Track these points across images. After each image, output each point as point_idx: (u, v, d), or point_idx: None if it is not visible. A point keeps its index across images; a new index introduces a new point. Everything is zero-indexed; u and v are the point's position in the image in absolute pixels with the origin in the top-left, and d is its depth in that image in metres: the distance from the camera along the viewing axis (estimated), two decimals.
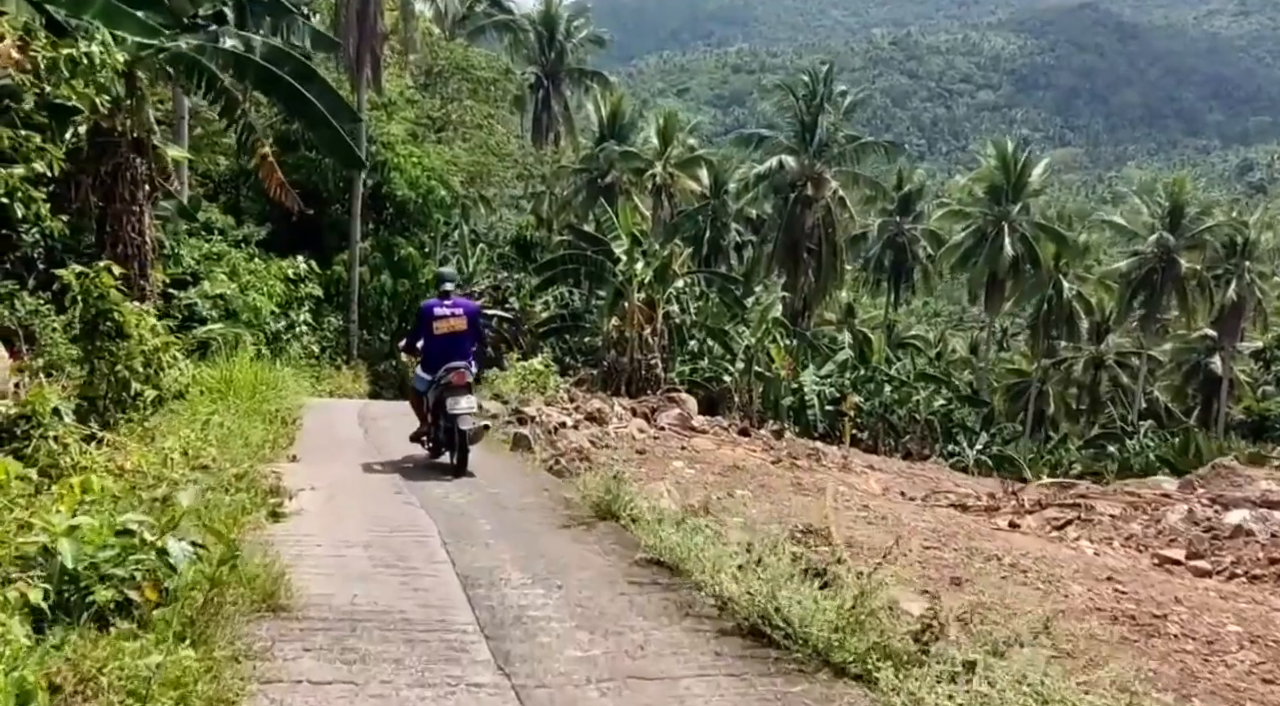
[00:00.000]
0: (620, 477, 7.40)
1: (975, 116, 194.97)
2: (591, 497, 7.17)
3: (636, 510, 6.63)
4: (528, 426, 15.47)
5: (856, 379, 37.76)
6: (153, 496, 5.27)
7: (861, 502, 16.59)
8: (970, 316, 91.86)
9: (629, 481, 7.55)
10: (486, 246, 41.54)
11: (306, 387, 18.04)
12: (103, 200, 13.73)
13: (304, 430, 11.31)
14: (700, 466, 18.63)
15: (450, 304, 10.02)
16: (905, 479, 25.90)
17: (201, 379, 11.05)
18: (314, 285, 21.46)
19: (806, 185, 43.50)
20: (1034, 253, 46.64)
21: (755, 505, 14.58)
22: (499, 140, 36.71)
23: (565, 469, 9.03)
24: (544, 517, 7.13)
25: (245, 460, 7.86)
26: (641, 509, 6.66)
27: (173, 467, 6.63)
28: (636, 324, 29.57)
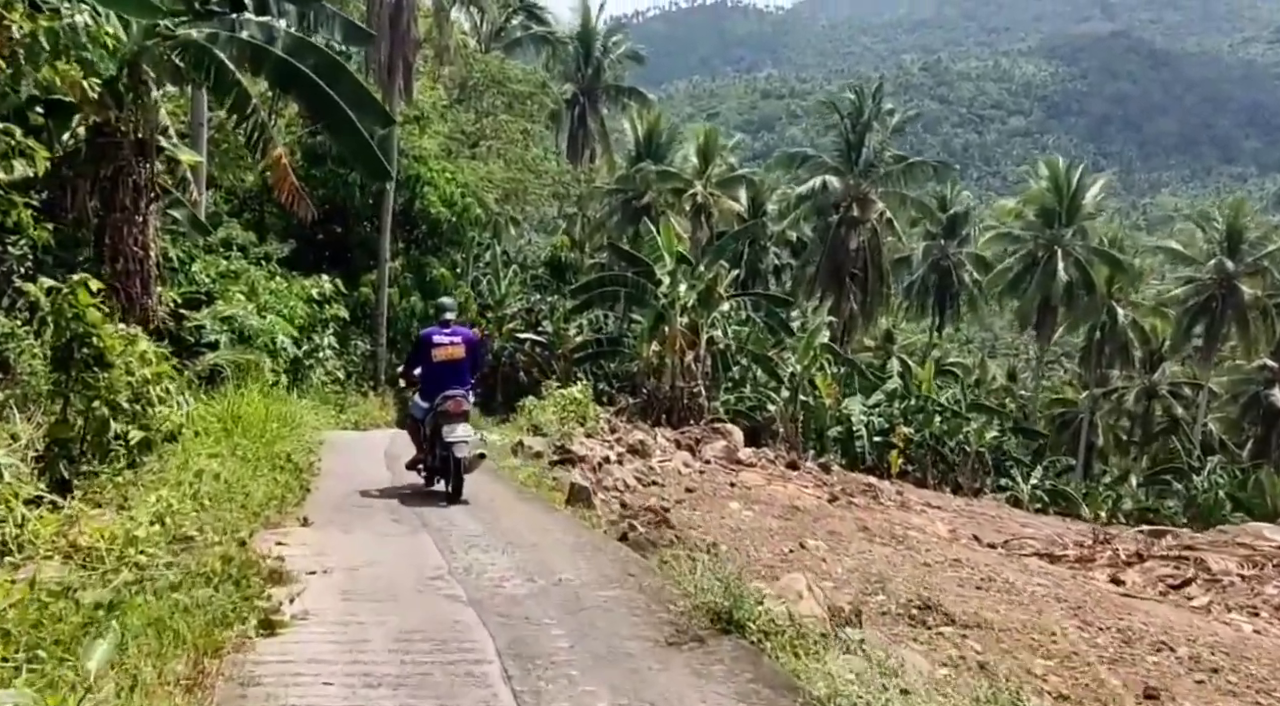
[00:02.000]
0: (739, 572, 5.60)
1: (1006, 142, 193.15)
2: (703, 598, 5.31)
3: (770, 619, 4.84)
4: (577, 469, 13.79)
5: (906, 409, 35.91)
6: (81, 620, 3.56)
7: (947, 555, 14.80)
8: (1003, 344, 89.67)
9: (744, 567, 5.74)
10: (519, 268, 40.06)
11: (328, 419, 16.41)
12: (101, 208, 12.21)
13: (321, 477, 9.64)
14: (758, 508, 16.94)
15: (449, 332, 10.07)
16: (968, 518, 24.03)
17: (201, 416, 9.40)
18: (339, 306, 19.89)
19: (851, 206, 41.80)
20: (1088, 278, 44.61)
21: (832, 558, 12.87)
22: (535, 156, 35.23)
23: (645, 539, 7.31)
24: (639, 625, 5.27)
25: (243, 526, 6.19)
26: (776, 615, 4.88)
27: (138, 546, 4.94)
28: (678, 350, 27.94)
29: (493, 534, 7.41)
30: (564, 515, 8.50)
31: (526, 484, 10.56)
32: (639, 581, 5.84)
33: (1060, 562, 16.89)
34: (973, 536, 19.67)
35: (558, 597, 5.71)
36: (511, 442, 15.69)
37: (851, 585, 10.79)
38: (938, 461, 36.25)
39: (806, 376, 32.02)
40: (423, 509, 8.53)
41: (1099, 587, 12.76)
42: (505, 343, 35.71)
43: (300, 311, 17.39)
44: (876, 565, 12.57)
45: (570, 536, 7.35)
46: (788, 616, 4.83)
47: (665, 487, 16.70)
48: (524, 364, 37.36)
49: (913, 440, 34.93)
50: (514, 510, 8.63)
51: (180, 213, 14.04)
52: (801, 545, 13.40)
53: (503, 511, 8.53)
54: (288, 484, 8.28)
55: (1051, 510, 35.89)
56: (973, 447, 36.96)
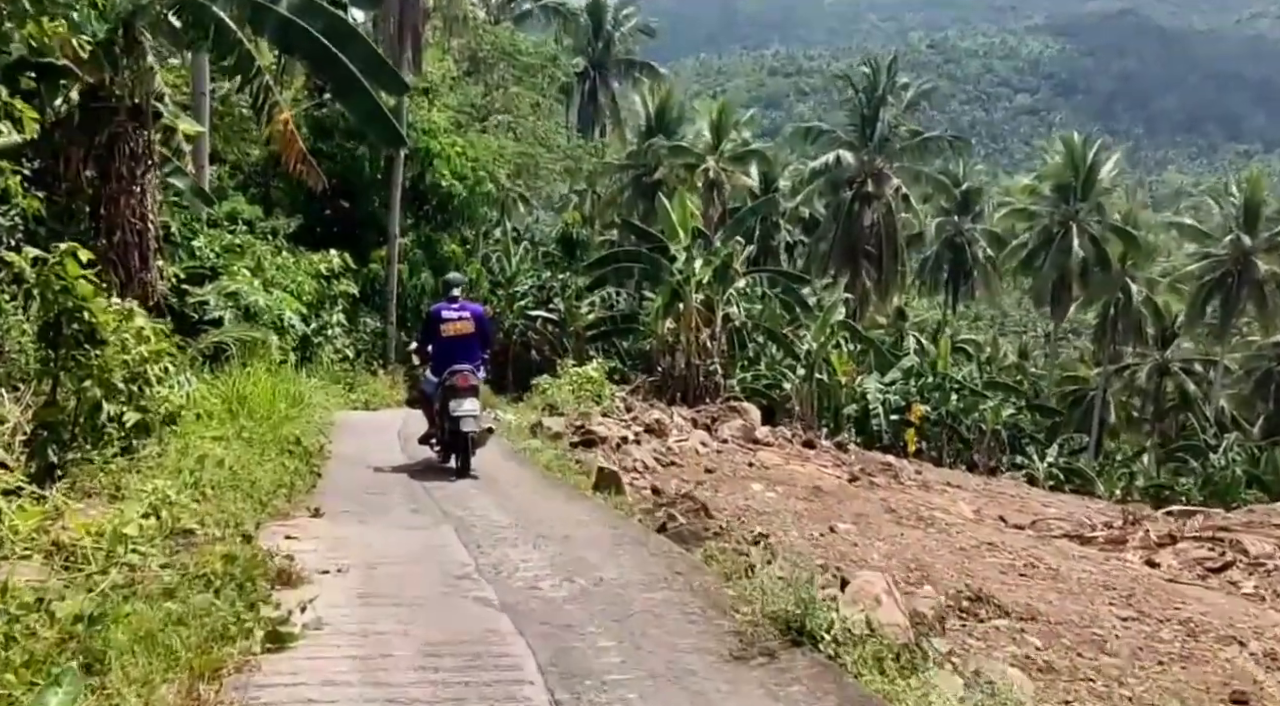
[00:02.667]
0: (811, 573, 4.94)
1: (1013, 120, 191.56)
2: (772, 606, 4.58)
3: (846, 628, 4.20)
4: (599, 450, 13.22)
5: (923, 387, 35.28)
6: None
7: (979, 538, 14.25)
8: (1013, 321, 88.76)
9: (817, 570, 5.12)
10: (530, 244, 39.38)
11: (338, 399, 15.84)
12: (97, 177, 11.58)
13: (332, 461, 9.05)
14: (781, 489, 16.36)
15: (458, 307, 10.19)
16: (989, 498, 23.47)
17: (204, 397, 8.80)
18: (348, 283, 19.26)
19: (865, 181, 41.05)
20: (1103, 254, 43.85)
21: (864, 543, 12.30)
22: (547, 130, 34.45)
23: (686, 530, 6.70)
24: (697, 635, 4.64)
25: (248, 518, 5.60)
26: (854, 623, 4.26)
27: (129, 544, 4.35)
28: (693, 327, 27.32)
29: (521, 525, 6.83)
30: (594, 503, 7.91)
31: (550, 468, 9.99)
32: (688, 581, 5.23)
33: (1091, 544, 16.34)
34: (999, 517, 19.11)
35: (601, 601, 5.09)
36: (529, 422, 15.15)
37: (891, 574, 10.23)
38: (953, 439, 35.71)
39: (822, 354, 31.40)
40: (443, 497, 7.97)
41: (1143, 573, 12.18)
42: (516, 320, 35.10)
43: (308, 287, 16.79)
44: (911, 550, 12.06)
45: (605, 528, 6.76)
46: (866, 625, 4.23)
47: (684, 468, 16.20)
48: (535, 342, 36.72)
49: (929, 418, 34.39)
50: (540, 497, 8.06)
51: (182, 182, 13.39)
52: (831, 529, 12.89)
53: (529, 499, 7.96)
54: (297, 470, 7.69)
55: (1067, 488, 35.39)
56: (989, 426, 36.41)
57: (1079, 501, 27.38)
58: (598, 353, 31.80)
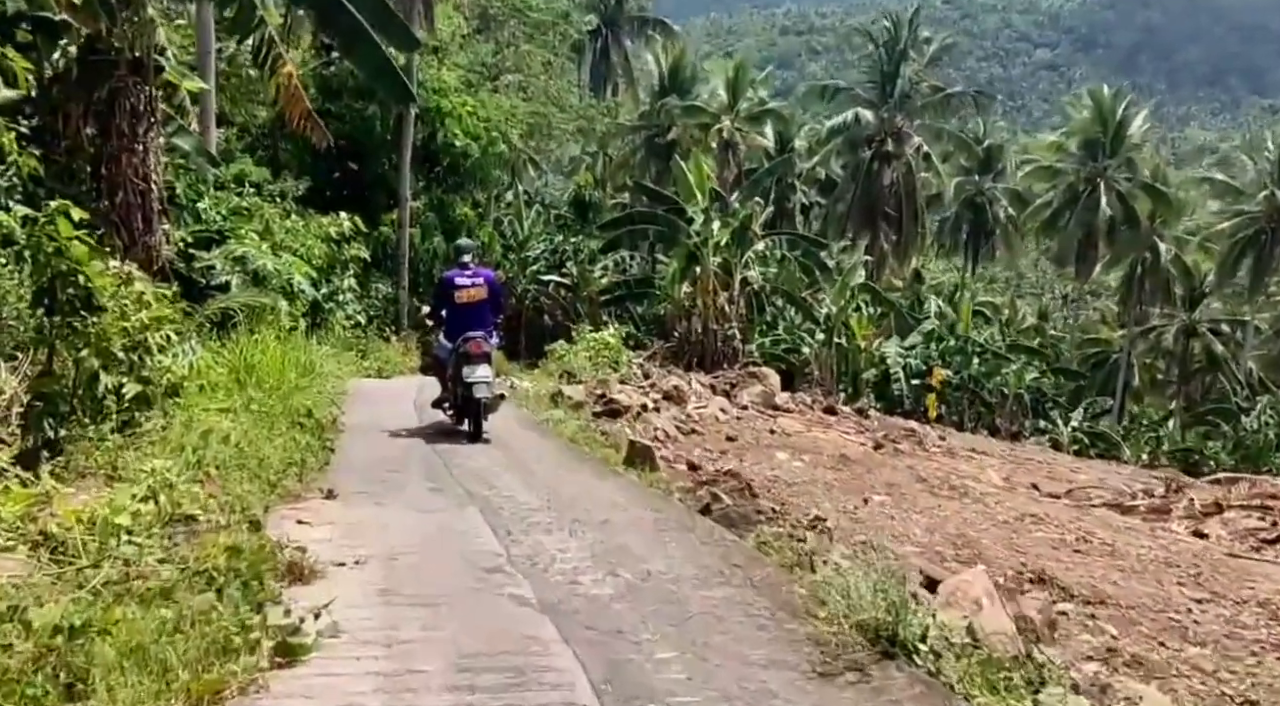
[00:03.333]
0: (901, 570, 4.37)
1: (1032, 76, 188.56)
2: (847, 607, 4.01)
3: (945, 637, 3.64)
4: (623, 421, 12.71)
5: (945, 350, 34.64)
6: None
7: (1020, 509, 13.75)
8: (1028, 283, 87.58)
9: (902, 571, 4.54)
10: (541, 207, 38.72)
11: (350, 367, 15.35)
12: (97, 135, 11.02)
13: (346, 435, 8.55)
14: (808, 458, 15.90)
15: (471, 274, 10.25)
16: (1017, 465, 22.94)
17: (209, 366, 8.29)
18: (360, 246, 18.69)
19: (885, 140, 40.12)
20: (1131, 212, 42.89)
21: (901, 515, 11.81)
22: (559, 89, 33.66)
23: (735, 513, 6.15)
24: (770, 643, 4.01)
25: (255, 502, 5.10)
26: (954, 630, 3.70)
27: (121, 537, 3.84)
28: (711, 291, 26.73)
29: (552, 506, 6.32)
30: (627, 480, 7.39)
31: (575, 440, 9.49)
32: (747, 575, 4.67)
33: (1132, 514, 15.84)
34: (1031, 485, 18.61)
35: (652, 599, 4.51)
36: (547, 390, 14.66)
37: (938, 550, 9.75)
38: (975, 404, 35.14)
39: (842, 318, 30.79)
40: (465, 474, 7.47)
41: (1199, 546, 11.65)
42: (528, 285, 34.55)
43: (318, 251, 16.24)
44: (952, 524, 11.59)
45: (644, 510, 6.23)
46: (968, 633, 3.69)
47: (705, 436, 15.75)
48: (548, 307, 36.18)
49: (950, 382, 33.81)
50: (569, 473, 7.55)
51: (186, 142, 12.82)
52: (865, 501, 12.44)
53: (557, 475, 7.46)
54: (308, 445, 7.19)
55: (1091, 453, 34.85)
56: (1011, 390, 35.77)
57: (1108, 467, 26.86)
58: (611, 318, 31.31)
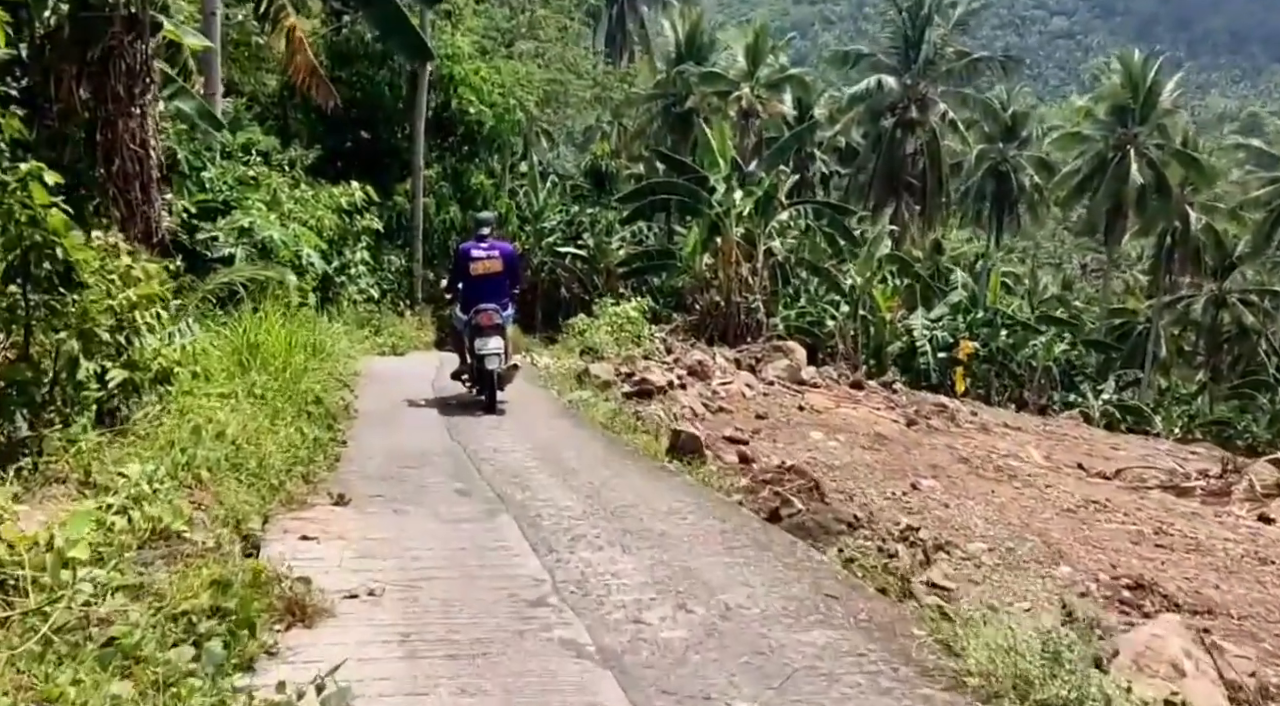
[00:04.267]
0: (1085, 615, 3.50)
1: (1049, 45, 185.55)
2: (1001, 672, 3.17)
3: None
4: (656, 402, 11.93)
5: (973, 322, 33.72)
6: None
7: (1075, 493, 12.99)
8: (1045, 252, 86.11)
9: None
10: (557, 178, 37.78)
11: (363, 344, 14.58)
12: (91, 98, 10.22)
13: (359, 423, 7.75)
14: (843, 437, 15.15)
15: (487, 246, 10.29)
16: (1055, 441, 22.14)
17: (208, 348, 7.50)
18: (372, 217, 17.86)
19: (909, 107, 38.99)
20: (1162, 179, 41.66)
21: (955, 504, 11.04)
22: (575, 55, 32.63)
23: (811, 522, 5.31)
24: None
25: (254, 513, 4.31)
26: None
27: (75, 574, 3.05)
28: (734, 262, 25.86)
29: (597, 512, 5.51)
30: (678, 478, 6.57)
31: (610, 426, 8.69)
32: (849, 611, 3.79)
33: (1189, 496, 15.03)
34: (1076, 465, 17.76)
35: (739, 648, 3.64)
36: (571, 368, 13.90)
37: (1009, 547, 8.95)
38: (1003, 376, 34.27)
39: (867, 289, 29.90)
40: (495, 471, 6.66)
41: None
42: (545, 257, 33.73)
43: (329, 222, 15.43)
44: (1013, 513, 10.83)
45: (706, 517, 5.42)
46: None
47: (734, 414, 15.04)
48: (564, 279, 35.35)
49: (978, 355, 32.94)
50: (609, 470, 6.76)
51: (188, 104, 11.99)
52: (914, 486, 11.70)
53: (597, 471, 6.66)
54: (316, 439, 6.39)
55: (1122, 426, 34.02)
56: (1039, 362, 34.90)
57: (1144, 442, 26.00)
58: (629, 290, 30.52)
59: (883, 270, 29.85)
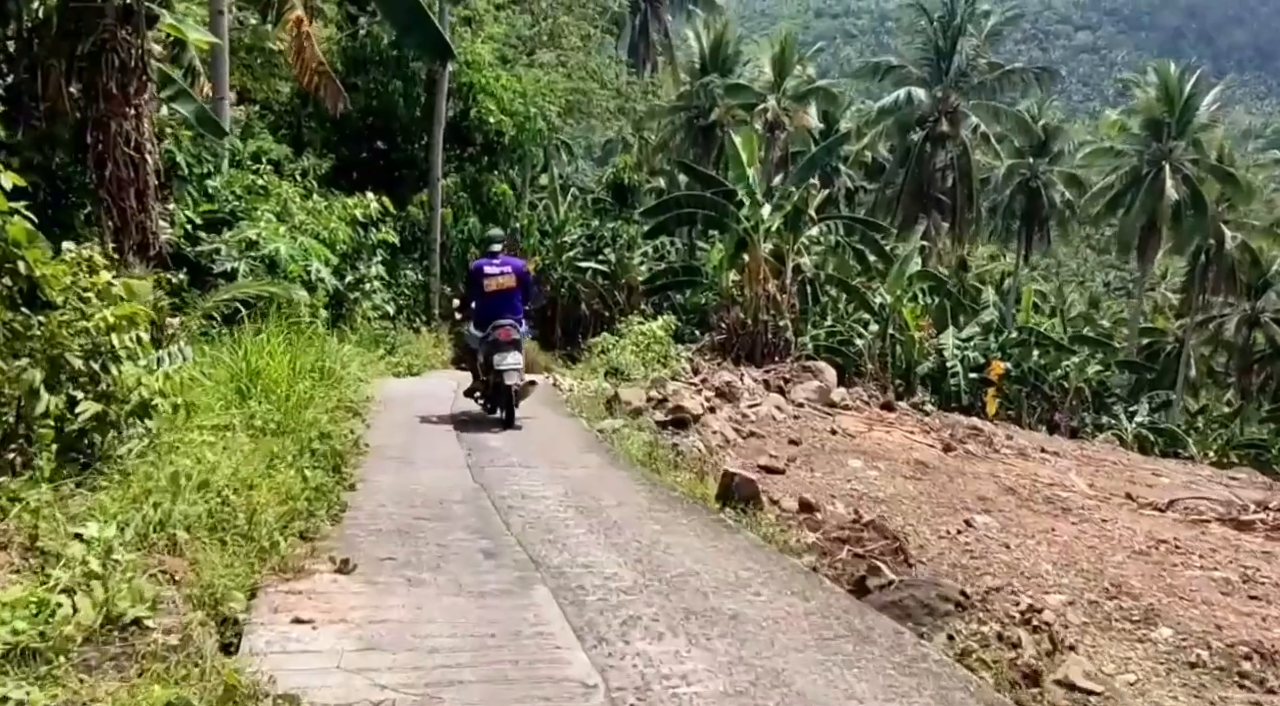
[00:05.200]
0: None
1: (1073, 59, 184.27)
2: None
3: None
4: (693, 432, 11.01)
5: (1006, 342, 32.76)
6: None
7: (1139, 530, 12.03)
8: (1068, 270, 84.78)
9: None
10: (578, 191, 36.99)
11: (377, 365, 13.71)
12: (82, 96, 9.43)
13: (370, 462, 6.84)
14: (882, 465, 14.27)
15: (499, 262, 10.34)
16: (1094, 467, 21.15)
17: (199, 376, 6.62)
18: (388, 230, 17.02)
19: (939, 120, 38.05)
20: (1198, 196, 40.54)
21: (1016, 543, 10.11)
22: (599, 64, 31.85)
23: (910, 600, 4.35)
24: None
25: (238, 585, 3.42)
26: None
27: None
28: (761, 279, 24.93)
29: (652, 584, 4.54)
30: (740, 537, 5.58)
31: (648, 463, 7.77)
32: None
33: (1250, 530, 14.03)
34: (1125, 495, 16.73)
35: None
36: (598, 392, 13.02)
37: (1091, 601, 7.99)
38: (1040, 399, 33.29)
39: (897, 308, 28.98)
40: (527, 524, 5.69)
41: None
42: (565, 272, 32.92)
43: (342, 235, 14.60)
44: (1081, 555, 9.85)
45: (779, 589, 4.46)
46: None
47: (766, 439, 14.15)
48: (585, 295, 34.52)
49: (1009, 375, 32.00)
50: (659, 523, 5.81)
51: (187, 107, 11.18)
52: (968, 523, 10.77)
53: (642, 526, 5.71)
54: (319, 486, 5.46)
55: (1155, 449, 33.02)
56: (1072, 383, 33.90)
57: (1183, 467, 25.00)
58: (650, 307, 29.68)
59: (914, 288, 28.88)
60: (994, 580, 7.94)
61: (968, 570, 8.17)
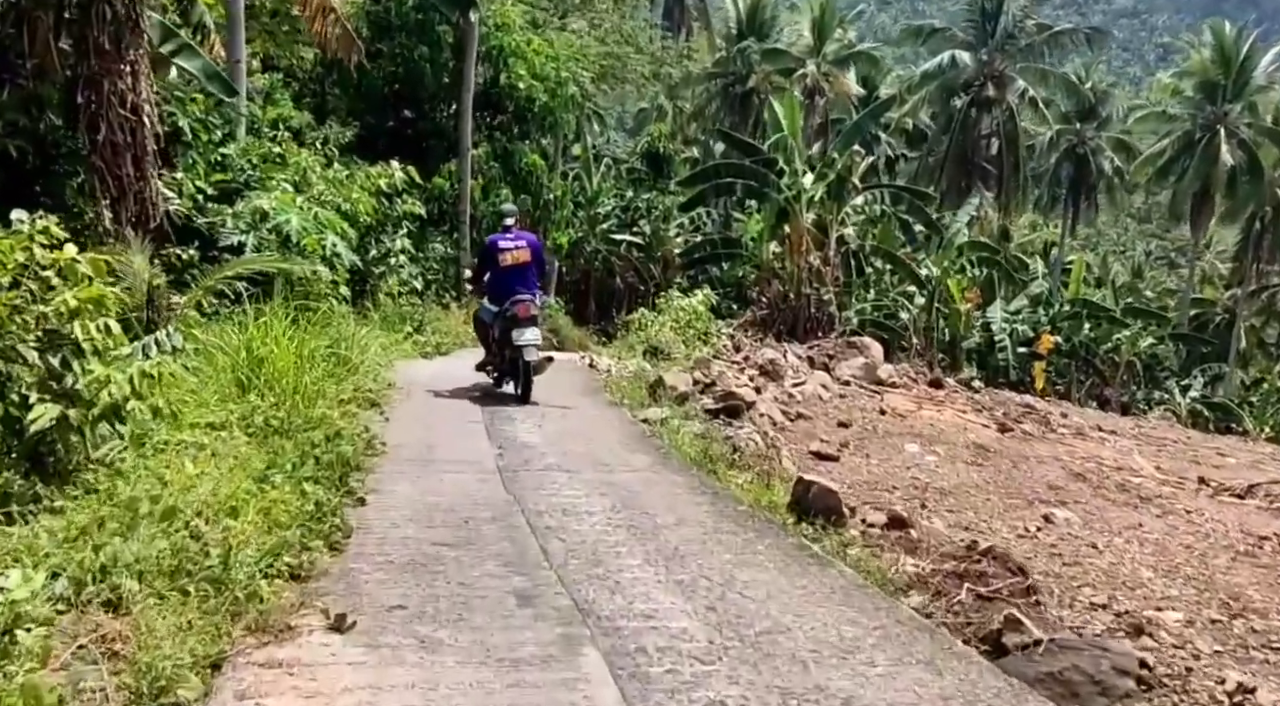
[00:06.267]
0: None
1: (1113, 23, 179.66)
2: None
3: None
4: (747, 421, 10.05)
5: (1056, 315, 31.47)
6: None
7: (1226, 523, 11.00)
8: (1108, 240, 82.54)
9: None
10: (612, 161, 35.93)
11: (402, 346, 12.82)
12: (72, 51, 8.56)
13: (384, 467, 5.90)
14: (941, 450, 13.30)
15: (513, 237, 10.38)
16: (1155, 446, 20.01)
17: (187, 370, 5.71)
18: (414, 201, 16.08)
19: (985, 85, 36.56)
20: (1255, 161, 38.81)
21: (1103, 543, 9.11)
22: (633, 27, 30.69)
23: (1070, 673, 3.34)
24: None
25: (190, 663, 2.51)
26: None
27: None
28: (803, 250, 23.83)
29: (732, 644, 3.52)
30: (832, 572, 4.51)
31: (704, 462, 6.79)
32: None
33: None
34: (1199, 480, 15.60)
35: None
36: (638, 373, 12.10)
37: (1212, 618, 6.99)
38: (1091, 373, 32.00)
39: (945, 280, 27.78)
40: (570, 553, 4.62)
41: None
42: (599, 245, 31.95)
43: (364, 206, 13.68)
44: (1176, 555, 8.90)
45: (900, 652, 3.44)
46: None
47: (814, 421, 13.20)
48: (619, 268, 33.54)
49: (1059, 349, 30.75)
50: (729, 549, 4.74)
51: (192, 63, 10.24)
52: (1047, 519, 9.81)
53: (711, 554, 4.66)
54: (318, 505, 4.48)
55: (1209, 425, 31.71)
56: (1123, 356, 32.52)
57: (1244, 445, 23.79)
58: (685, 280, 28.65)
59: (963, 259, 27.64)
60: (1095, 593, 6.99)
61: (1062, 580, 7.21)
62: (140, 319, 7.64)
